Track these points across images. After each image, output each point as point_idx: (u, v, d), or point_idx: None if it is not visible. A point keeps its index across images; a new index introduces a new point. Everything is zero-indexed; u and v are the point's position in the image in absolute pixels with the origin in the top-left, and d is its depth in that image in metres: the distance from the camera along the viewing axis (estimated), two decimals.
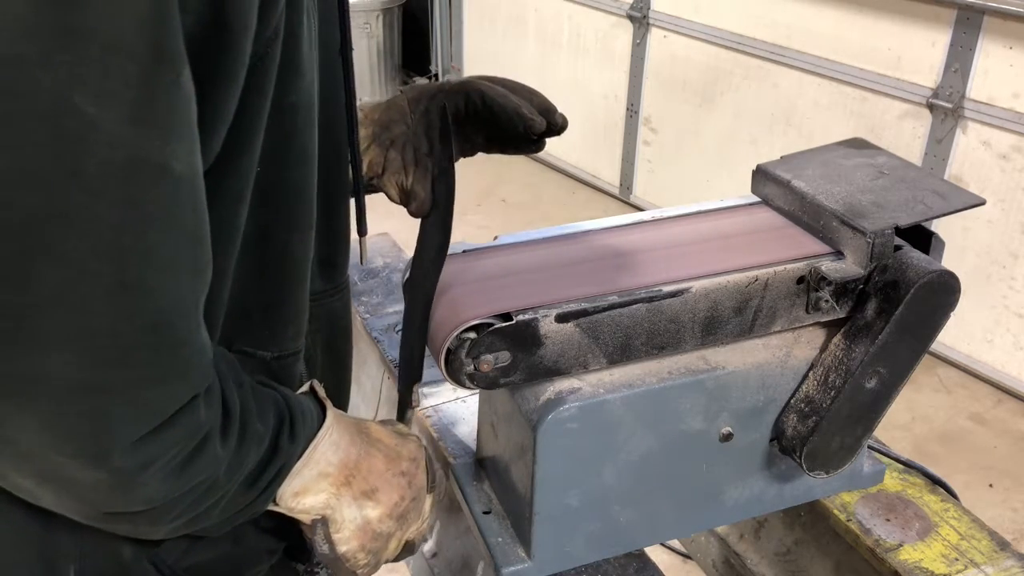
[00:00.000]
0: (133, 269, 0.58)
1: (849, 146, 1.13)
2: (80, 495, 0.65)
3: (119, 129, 0.55)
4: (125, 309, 0.59)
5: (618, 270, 0.95)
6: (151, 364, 0.61)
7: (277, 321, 0.82)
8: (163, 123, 0.58)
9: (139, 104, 0.56)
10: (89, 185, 0.55)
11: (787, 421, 1.01)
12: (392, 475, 0.86)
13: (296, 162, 0.77)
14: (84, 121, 0.54)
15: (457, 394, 1.30)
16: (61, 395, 0.59)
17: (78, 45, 0.53)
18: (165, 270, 0.60)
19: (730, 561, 1.34)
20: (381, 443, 0.87)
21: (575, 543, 1.00)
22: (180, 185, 0.60)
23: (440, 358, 0.88)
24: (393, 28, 5.80)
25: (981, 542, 1.12)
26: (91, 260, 0.57)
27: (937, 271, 0.93)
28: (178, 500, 0.68)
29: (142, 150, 0.57)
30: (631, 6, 4.17)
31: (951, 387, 3.25)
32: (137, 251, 0.58)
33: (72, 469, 0.62)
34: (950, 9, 3.02)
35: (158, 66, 0.56)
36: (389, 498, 0.85)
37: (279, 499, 0.79)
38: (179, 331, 0.62)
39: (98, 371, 0.59)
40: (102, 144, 0.55)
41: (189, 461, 0.67)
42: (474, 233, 0.87)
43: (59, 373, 0.58)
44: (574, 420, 0.92)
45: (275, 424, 0.76)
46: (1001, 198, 3.04)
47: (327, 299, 0.92)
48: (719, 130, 3.96)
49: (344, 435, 0.83)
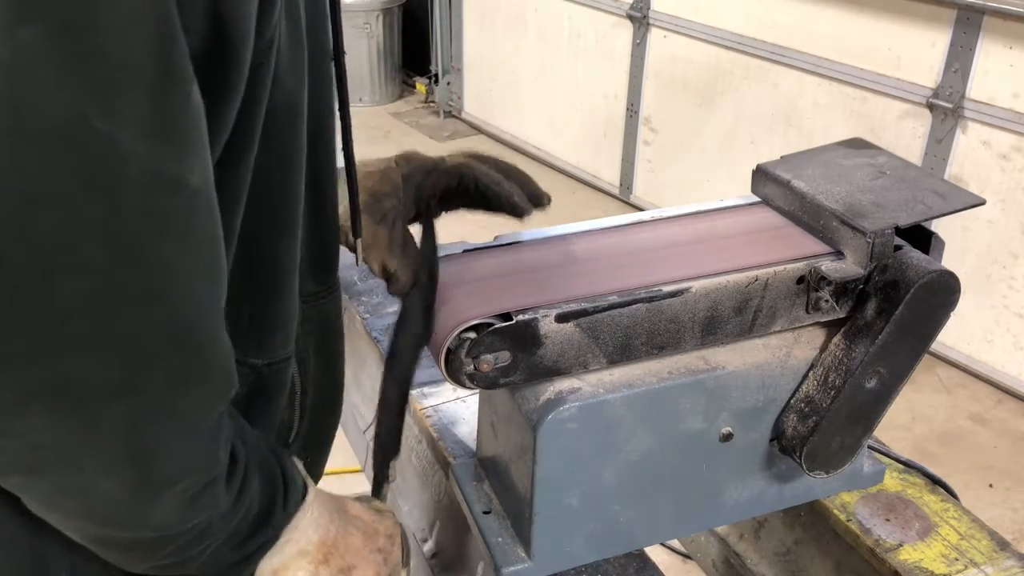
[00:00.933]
0: (154, 279, 0.60)
1: (849, 146, 1.13)
2: (94, 510, 0.66)
3: (135, 145, 0.57)
4: (150, 316, 0.60)
5: (618, 270, 0.95)
6: (177, 368, 0.63)
7: (265, 328, 0.82)
8: (177, 139, 0.59)
9: (152, 121, 0.57)
10: (109, 200, 0.57)
11: (787, 421, 1.01)
12: (369, 552, 0.86)
13: (283, 167, 0.77)
14: (100, 139, 0.56)
15: (457, 394, 1.30)
16: (96, 398, 0.60)
17: (90, 67, 0.55)
18: (185, 277, 0.62)
19: (730, 561, 1.34)
20: (359, 520, 0.88)
21: (575, 543, 1.00)
22: (197, 197, 0.61)
23: (440, 358, 0.88)
24: (393, 28, 5.81)
25: (981, 542, 1.12)
26: (115, 271, 0.58)
27: (937, 271, 0.93)
28: (178, 535, 0.70)
29: (158, 165, 0.58)
30: (631, 6, 4.17)
31: (951, 387, 3.25)
32: (158, 261, 0.60)
33: (99, 477, 0.63)
34: (950, 9, 3.03)
35: (168, 84, 0.58)
36: (366, 575, 0.86)
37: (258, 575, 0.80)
38: (200, 335, 0.64)
39: (127, 376, 0.61)
40: (119, 160, 0.57)
41: (200, 495, 0.68)
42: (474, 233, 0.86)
43: (91, 378, 0.59)
44: (574, 420, 0.92)
45: (270, 492, 0.77)
46: (1001, 198, 3.04)
47: (319, 301, 0.92)
48: (719, 130, 3.97)
49: (323, 513, 0.83)
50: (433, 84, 5.70)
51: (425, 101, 5.90)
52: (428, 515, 1.31)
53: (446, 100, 5.63)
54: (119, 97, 0.56)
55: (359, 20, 5.59)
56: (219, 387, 0.67)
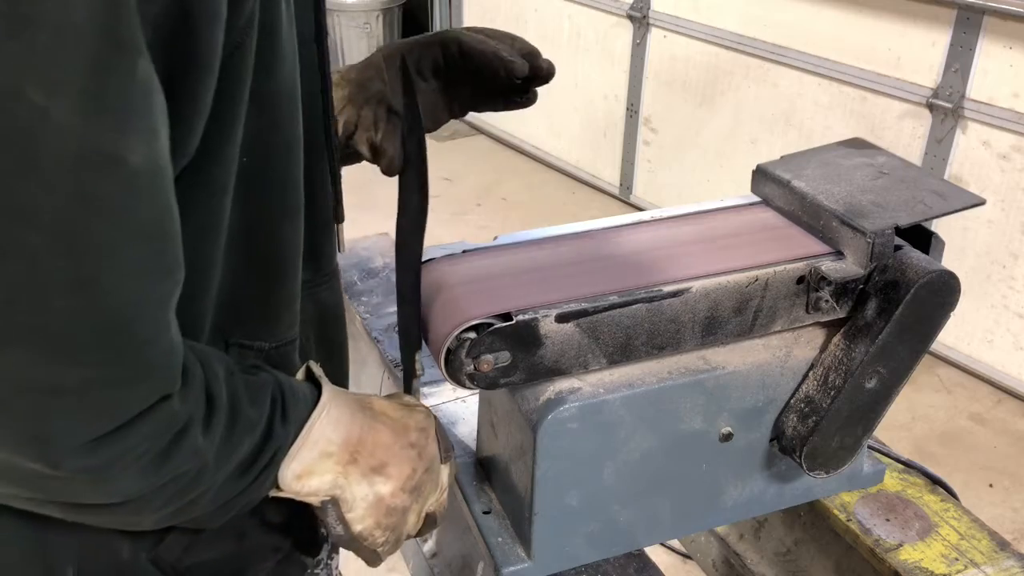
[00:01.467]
0: (88, 266, 0.57)
1: (849, 146, 1.13)
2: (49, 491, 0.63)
3: (71, 119, 0.54)
4: (80, 307, 0.57)
5: (618, 270, 0.95)
6: (108, 364, 0.59)
7: (270, 311, 0.81)
8: (117, 114, 0.56)
9: (91, 94, 0.54)
10: (41, 178, 0.54)
11: (787, 421, 1.01)
12: (400, 448, 0.83)
13: (280, 150, 0.76)
14: (35, 112, 0.53)
15: (457, 394, 1.30)
16: (7, 394, 0.57)
17: (28, 33, 0.52)
18: (123, 268, 0.58)
19: (730, 561, 1.34)
20: (386, 416, 0.84)
21: (575, 543, 1.00)
22: (137, 178, 0.58)
23: (440, 358, 0.88)
24: (393, 28, 5.80)
25: (981, 542, 1.12)
26: (45, 256, 0.55)
27: (937, 271, 0.93)
28: (158, 492, 0.66)
29: (95, 141, 0.55)
30: (631, 6, 4.17)
31: (951, 387, 3.25)
32: (92, 247, 0.57)
33: (29, 467, 0.60)
34: (950, 9, 3.02)
35: (111, 55, 0.55)
36: (400, 471, 0.82)
37: (282, 484, 0.76)
38: (140, 332, 0.60)
39: (49, 370, 0.57)
40: (53, 135, 0.54)
41: (166, 454, 0.65)
42: (474, 233, 0.86)
43: (7, 371, 0.56)
44: (574, 420, 0.92)
45: (269, 409, 0.74)
46: (1001, 198, 3.04)
47: (315, 288, 0.90)
48: (719, 130, 3.96)
49: (344, 412, 0.80)
50: None
51: None
52: None
53: None
54: (58, 68, 0.53)
55: (359, 20, 5.59)
56: (161, 385, 0.63)
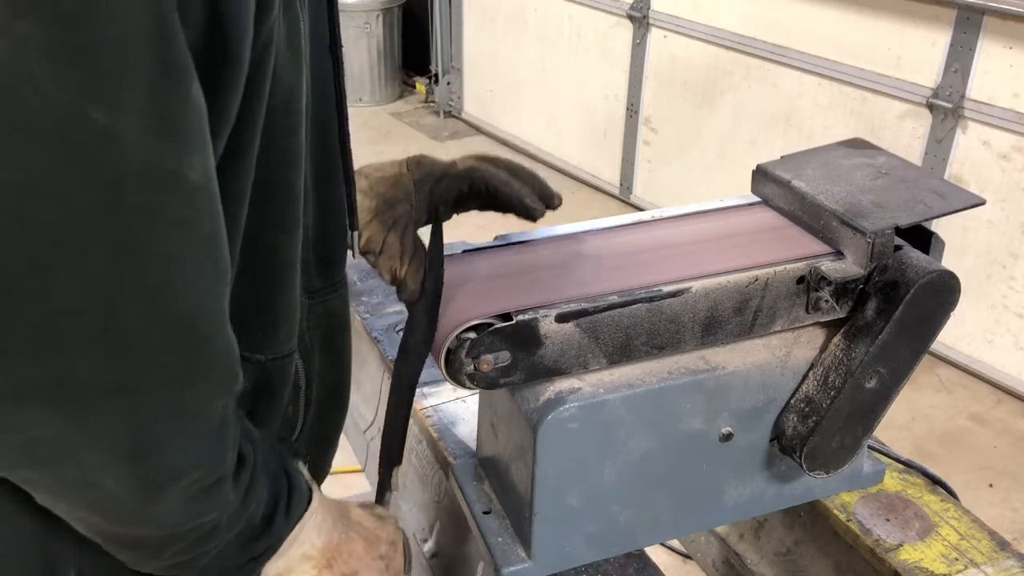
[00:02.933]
0: (154, 274, 0.60)
1: (849, 146, 1.13)
2: (98, 505, 0.66)
3: (135, 139, 0.57)
4: (149, 313, 0.60)
5: (618, 270, 0.95)
6: (177, 363, 0.63)
7: (268, 323, 0.82)
8: (177, 134, 0.59)
9: (153, 115, 0.57)
10: (106, 195, 0.57)
11: (787, 421, 1.01)
12: (372, 559, 0.87)
13: (281, 162, 0.77)
14: (99, 133, 0.55)
15: (457, 394, 1.30)
16: (92, 396, 0.60)
17: (88, 61, 0.54)
18: (185, 274, 0.62)
19: (730, 561, 1.34)
20: (361, 527, 0.88)
21: (575, 543, 1.00)
22: (197, 193, 0.61)
23: (440, 358, 0.88)
24: (393, 28, 5.80)
25: (981, 542, 1.12)
26: (112, 268, 0.58)
27: (937, 271, 0.93)
28: (184, 534, 0.70)
29: (158, 159, 0.58)
30: (631, 6, 4.17)
31: (951, 387, 3.25)
32: (157, 257, 0.60)
33: (101, 472, 0.63)
34: (950, 9, 3.03)
35: (167, 79, 0.58)
36: None
37: None
38: (203, 330, 0.64)
39: (127, 372, 0.60)
40: (118, 154, 0.56)
41: (207, 493, 0.68)
42: (474, 233, 0.87)
43: (87, 376, 0.59)
44: (574, 420, 0.92)
45: (274, 496, 0.77)
46: (1001, 198, 3.04)
47: (326, 296, 0.92)
48: (719, 130, 3.97)
49: (327, 518, 0.84)
50: (433, 84, 5.70)
51: (425, 101, 5.90)
52: (428, 515, 1.31)
53: (446, 100, 5.63)
54: (119, 91, 0.56)
55: (359, 20, 5.59)
56: (222, 383, 0.67)
